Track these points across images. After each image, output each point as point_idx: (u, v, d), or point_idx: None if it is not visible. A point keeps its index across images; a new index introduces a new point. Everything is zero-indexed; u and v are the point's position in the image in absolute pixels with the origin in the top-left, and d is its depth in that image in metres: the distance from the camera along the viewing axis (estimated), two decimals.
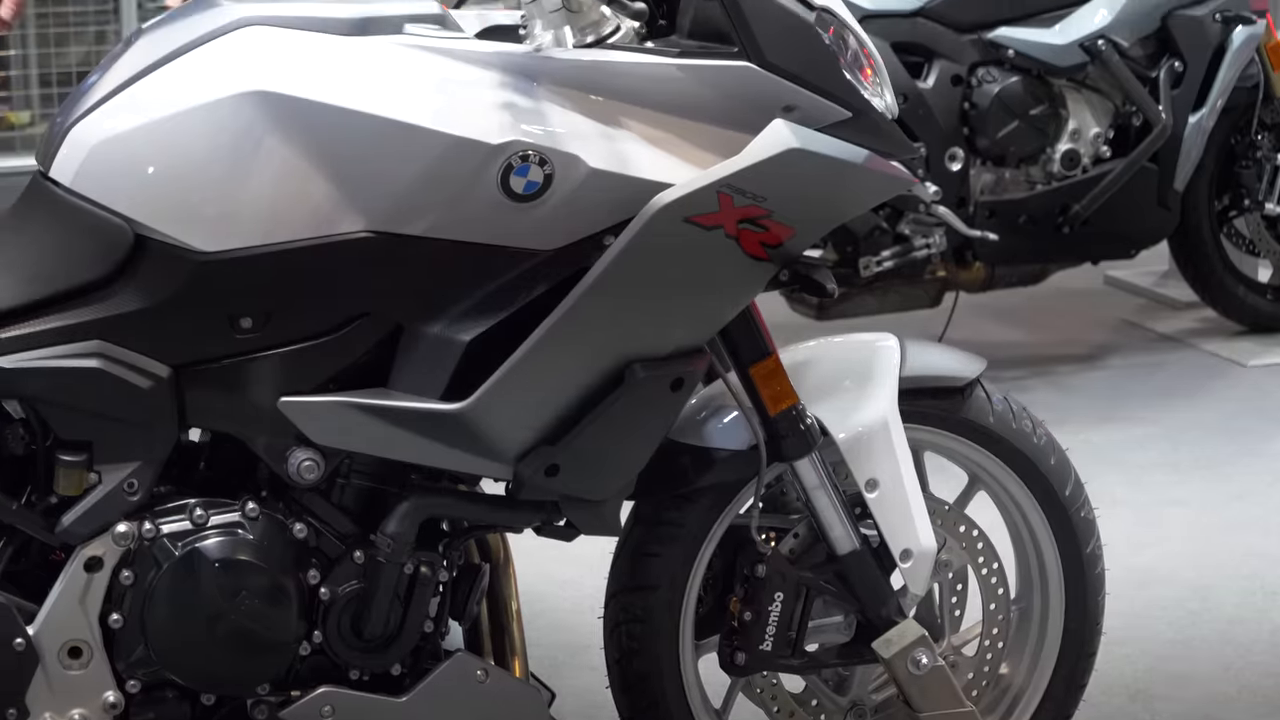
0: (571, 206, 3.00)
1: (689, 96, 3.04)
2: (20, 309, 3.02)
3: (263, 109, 2.96)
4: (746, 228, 3.03)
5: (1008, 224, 5.66)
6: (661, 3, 3.14)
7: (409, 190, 2.98)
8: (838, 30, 3.12)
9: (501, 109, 2.99)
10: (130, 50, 3.13)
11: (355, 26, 3.05)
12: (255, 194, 2.98)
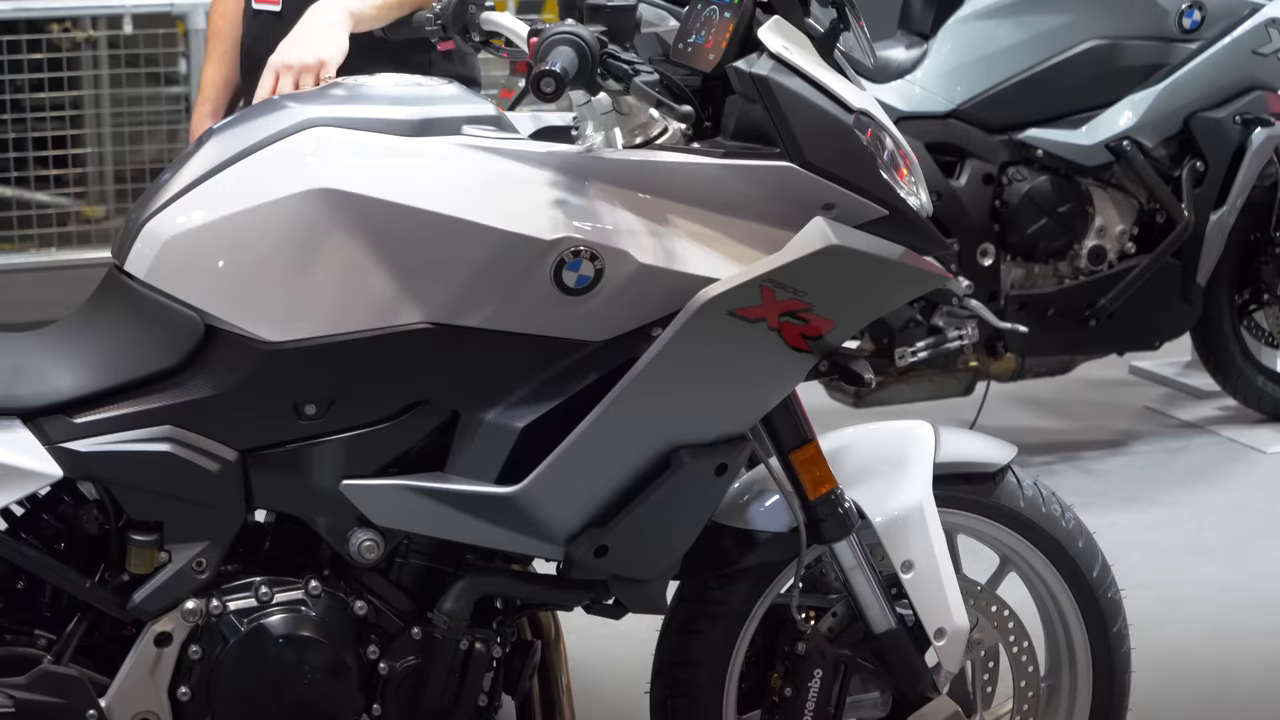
0: (621, 300, 3.01)
1: (733, 195, 3.05)
2: (96, 395, 3.04)
3: (327, 206, 2.98)
4: (788, 320, 3.04)
5: (1037, 317, 5.66)
6: (707, 105, 3.15)
7: (466, 283, 2.99)
8: (875, 131, 3.12)
9: (554, 206, 3.00)
10: (202, 149, 3.14)
11: (415, 127, 3.06)
12: (320, 287, 2.99)
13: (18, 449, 3.00)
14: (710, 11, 3.16)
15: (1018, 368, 5.84)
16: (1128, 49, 5.73)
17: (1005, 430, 4.21)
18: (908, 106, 5.57)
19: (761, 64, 3.04)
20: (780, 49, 3.06)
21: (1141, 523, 5.66)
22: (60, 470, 3.01)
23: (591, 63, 2.93)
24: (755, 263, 3.02)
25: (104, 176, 8.24)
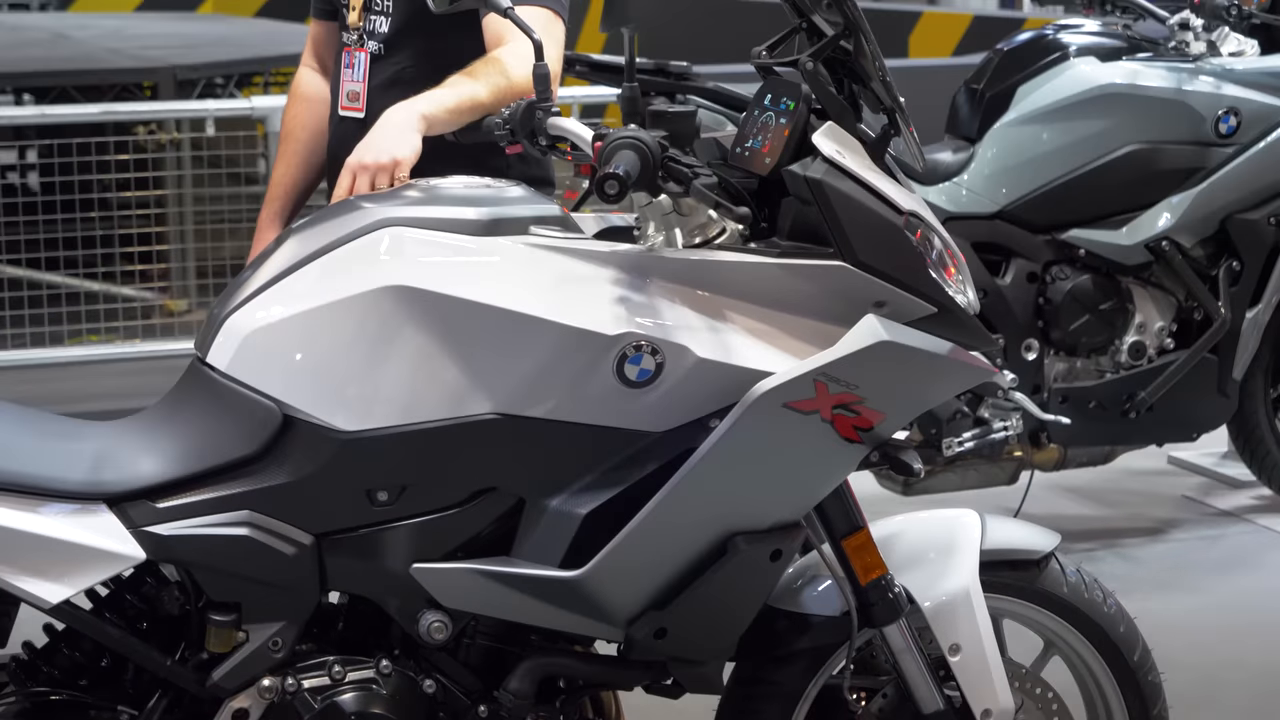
0: (680, 392, 3.01)
1: (788, 292, 3.06)
2: (178, 481, 3.05)
3: (400, 302, 2.99)
4: (841, 413, 3.04)
5: (1079, 409, 5.65)
6: (763, 206, 3.16)
7: (533, 376, 2.99)
8: (924, 232, 3.13)
9: (617, 303, 3.01)
10: (282, 247, 3.16)
11: (485, 227, 3.08)
12: (393, 379, 3.00)
13: (103, 533, 3.01)
14: (766, 117, 3.17)
15: (1060, 458, 5.82)
16: (1166, 153, 5.73)
17: (1048, 518, 4.19)
18: (955, 208, 5.58)
19: (816, 168, 3.05)
20: (834, 153, 3.06)
21: (1180, 607, 5.63)
22: (143, 553, 3.02)
23: (653, 166, 2.95)
24: (809, 357, 3.02)
25: (186, 271, 8.29)
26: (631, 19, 3.09)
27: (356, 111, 3.92)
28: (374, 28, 3.90)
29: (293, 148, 4.13)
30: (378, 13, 3.89)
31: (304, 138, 4.11)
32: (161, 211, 8.23)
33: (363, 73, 3.91)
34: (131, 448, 3.10)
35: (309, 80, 4.17)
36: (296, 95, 4.19)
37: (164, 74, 8.59)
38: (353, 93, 3.93)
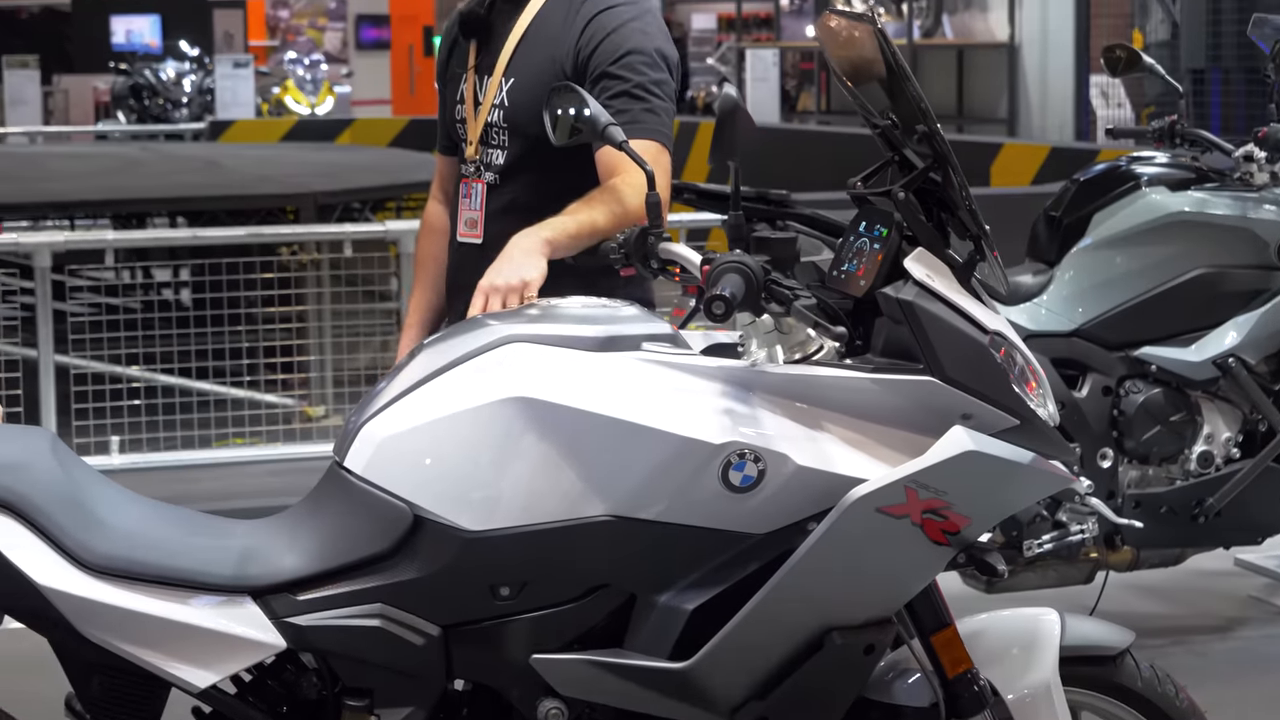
0: (781, 497, 3.01)
1: (881, 405, 3.05)
2: (317, 576, 3.06)
3: (523, 412, 3.01)
4: (930, 517, 3.02)
5: (1151, 514, 5.60)
6: (858, 325, 3.16)
7: (644, 481, 3.00)
8: (1008, 350, 3.12)
9: (722, 414, 3.01)
10: (414, 361, 3.18)
11: (601, 344, 3.09)
12: (515, 483, 3.01)
13: (248, 623, 3.03)
14: (861, 243, 3.18)
15: (1134, 559, 5.77)
16: (1232, 276, 5.69)
17: (1123, 616, 4.14)
18: (1035, 326, 5.56)
19: (907, 290, 3.06)
20: (924, 277, 3.07)
21: (1248, 701, 5.56)
22: (284, 642, 3.03)
23: (757, 288, 2.97)
24: (901, 466, 3.01)
25: (324, 381, 8.34)
26: (737, 153, 3.11)
27: (474, 237, 3.95)
28: (490, 160, 3.93)
29: (427, 275, 4.16)
30: (494, 147, 3.92)
31: (434, 268, 4.14)
32: (302, 325, 8.30)
33: (479, 201, 3.94)
34: (274, 544, 3.12)
35: (436, 213, 4.21)
36: (427, 228, 4.24)
37: (306, 200, 8.69)
38: (470, 220, 3.96)
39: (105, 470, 4.06)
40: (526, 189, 3.89)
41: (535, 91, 3.79)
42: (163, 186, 9.62)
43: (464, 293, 3.86)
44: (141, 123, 20.90)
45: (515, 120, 3.88)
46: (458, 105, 4.01)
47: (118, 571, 3.01)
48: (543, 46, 3.88)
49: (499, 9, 3.97)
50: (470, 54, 3.98)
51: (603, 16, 3.84)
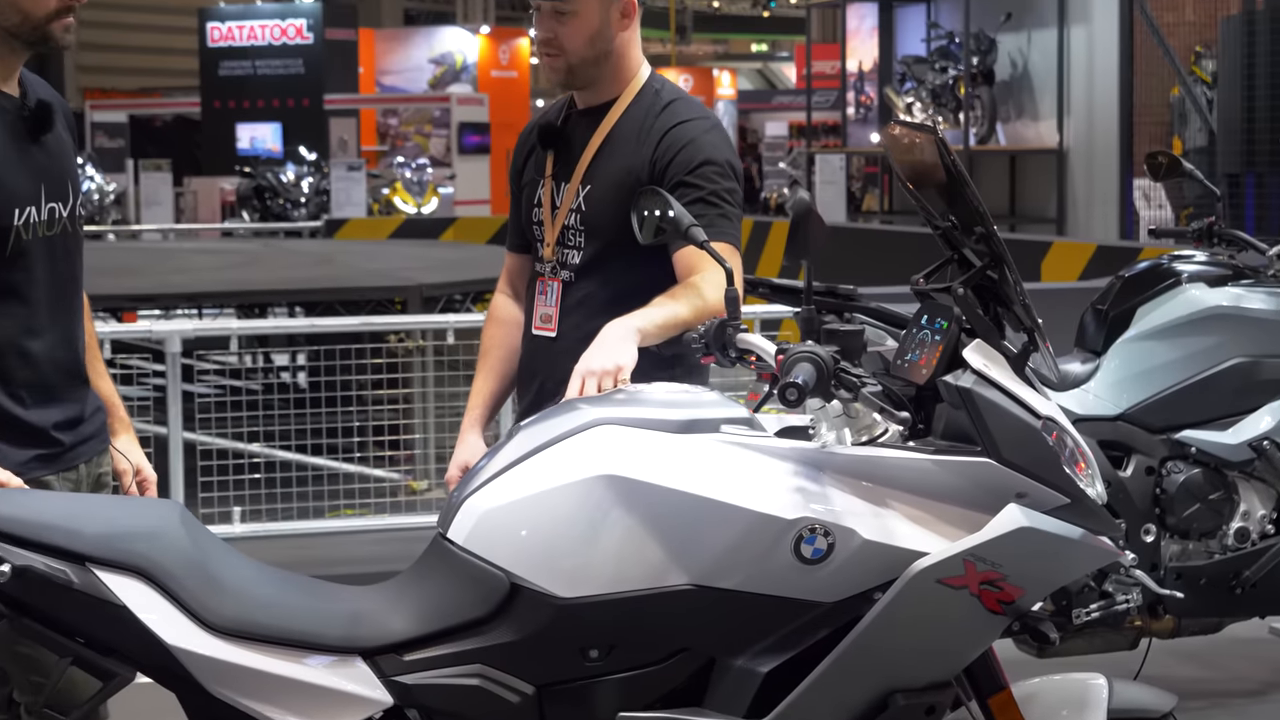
0: (849, 569, 3.00)
1: (942, 484, 3.05)
2: (422, 638, 3.06)
3: (612, 489, 3.01)
4: (986, 588, 3.01)
5: (1191, 585, 5.55)
6: (920, 410, 3.16)
7: (723, 553, 2.99)
8: (1059, 434, 3.11)
9: (795, 492, 3.01)
10: (511, 441, 3.19)
11: (683, 426, 3.10)
12: (604, 553, 3.01)
13: (358, 681, 3.03)
14: (923, 335, 3.18)
15: (1175, 627, 5.71)
16: (1266, 365, 5.65)
17: (1165, 680, 4.10)
18: (1083, 411, 5.53)
19: (966, 378, 3.06)
20: (981, 366, 3.07)
21: None
22: (391, 699, 3.03)
23: (827, 376, 2.97)
24: (959, 540, 3.00)
25: (428, 457, 8.36)
26: (810, 253, 3.12)
27: (549, 331, 3.96)
28: (566, 260, 3.94)
29: (489, 364, 4.17)
30: (570, 248, 3.94)
31: (500, 355, 4.15)
32: (408, 406, 8.34)
33: (555, 298, 3.95)
34: (383, 608, 3.12)
35: (503, 305, 4.22)
36: (493, 318, 4.23)
37: (412, 291, 8.74)
38: (546, 315, 3.97)
39: (228, 538, 4.09)
40: (600, 287, 3.91)
41: (611, 198, 3.85)
42: (282, 279, 9.71)
43: (536, 381, 3.89)
44: (263, 221, 21.11)
45: (591, 224, 3.90)
46: (535, 209, 4.03)
47: (240, 632, 3.02)
48: (618, 157, 3.90)
49: (574, 122, 4.00)
50: (548, 162, 4.01)
51: (677, 130, 3.87)
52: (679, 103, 3.94)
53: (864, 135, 20.58)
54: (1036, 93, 17.54)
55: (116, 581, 2.99)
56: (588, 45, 3.87)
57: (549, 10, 3.85)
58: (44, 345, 3.55)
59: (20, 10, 3.48)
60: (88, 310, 3.77)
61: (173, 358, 7.22)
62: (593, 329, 3.66)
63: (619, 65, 3.94)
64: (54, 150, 3.62)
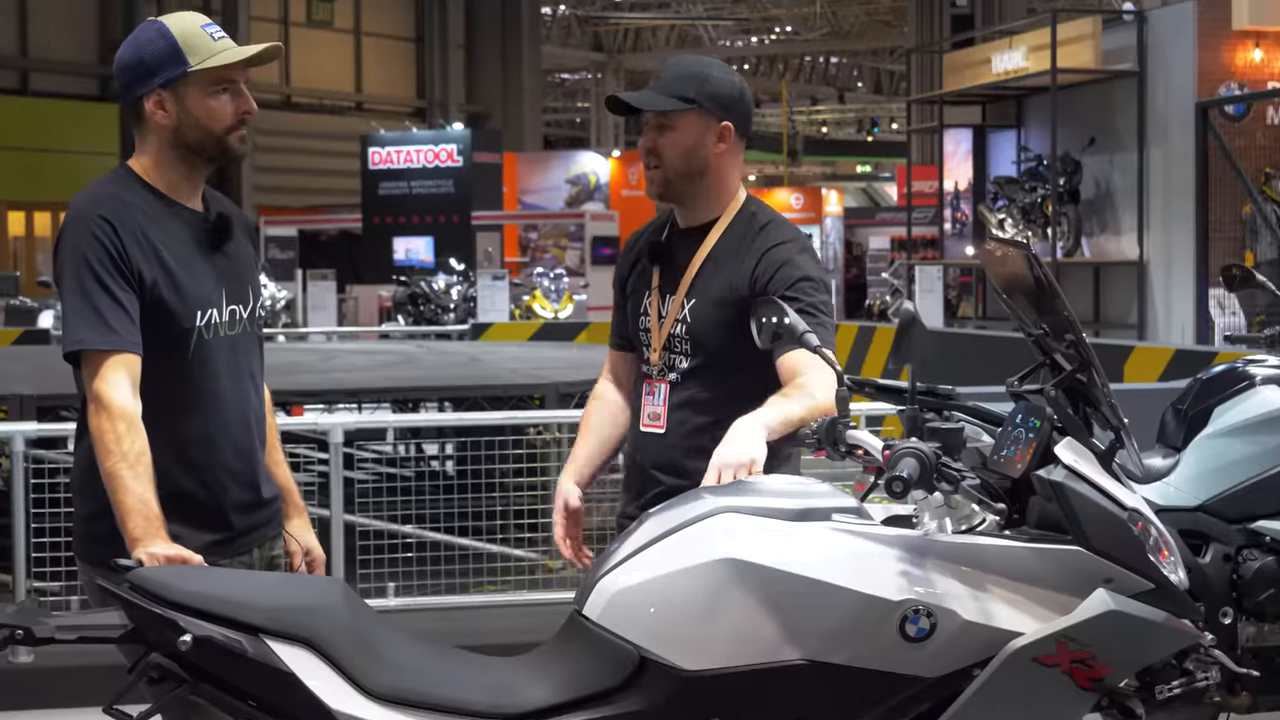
0: (950, 647, 2.97)
1: (1035, 570, 3.02)
2: (559, 706, 3.06)
3: (732, 571, 3.00)
4: (1077, 666, 2.98)
5: (1266, 664, 5.45)
6: (1015, 502, 3.14)
7: (833, 631, 2.97)
8: (1144, 524, 3.07)
9: (900, 575, 2.99)
10: (642, 526, 3.20)
11: (797, 515, 3.09)
12: (725, 630, 3.00)
13: None
14: (1018, 433, 3.16)
15: (1251, 704, 5.61)
16: None
17: None
18: (1165, 502, 5.46)
19: (1058, 473, 3.04)
20: (1072, 462, 3.05)
21: None
22: None
23: (930, 471, 2.97)
24: (1052, 622, 2.97)
25: None
26: (914, 358, 3.12)
27: (657, 428, 3.97)
28: (674, 364, 3.96)
29: (590, 435, 4.18)
30: (677, 354, 3.95)
31: (598, 425, 4.17)
32: (545, 492, 8.33)
33: (662, 399, 3.96)
34: (524, 678, 3.12)
35: (604, 388, 4.24)
36: (596, 397, 4.26)
37: (549, 389, 8.77)
38: (654, 414, 3.98)
39: (383, 610, 4.10)
40: (703, 389, 3.92)
41: (713, 311, 3.89)
42: (433, 377, 9.77)
43: (644, 472, 3.90)
44: (417, 324, 21.31)
45: (696, 334, 3.92)
46: (642, 317, 4.04)
47: (396, 699, 3.03)
48: (720, 274, 3.92)
49: (678, 239, 4.03)
50: (654, 276, 4.03)
51: (774, 252, 3.89)
52: (773, 225, 3.97)
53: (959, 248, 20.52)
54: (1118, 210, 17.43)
55: (285, 651, 3.01)
56: (684, 159, 3.91)
57: (654, 123, 3.91)
58: (226, 436, 3.59)
59: (202, 127, 3.56)
60: (269, 404, 3.81)
61: (335, 447, 7.28)
62: (697, 425, 3.79)
63: (716, 186, 3.97)
64: (235, 258, 3.69)
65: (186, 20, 3.59)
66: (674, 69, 3.94)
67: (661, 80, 3.92)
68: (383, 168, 28.85)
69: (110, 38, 34.16)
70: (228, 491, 3.58)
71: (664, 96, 3.88)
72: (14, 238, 33.01)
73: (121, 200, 3.51)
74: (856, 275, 36.06)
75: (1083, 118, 17.33)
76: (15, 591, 6.65)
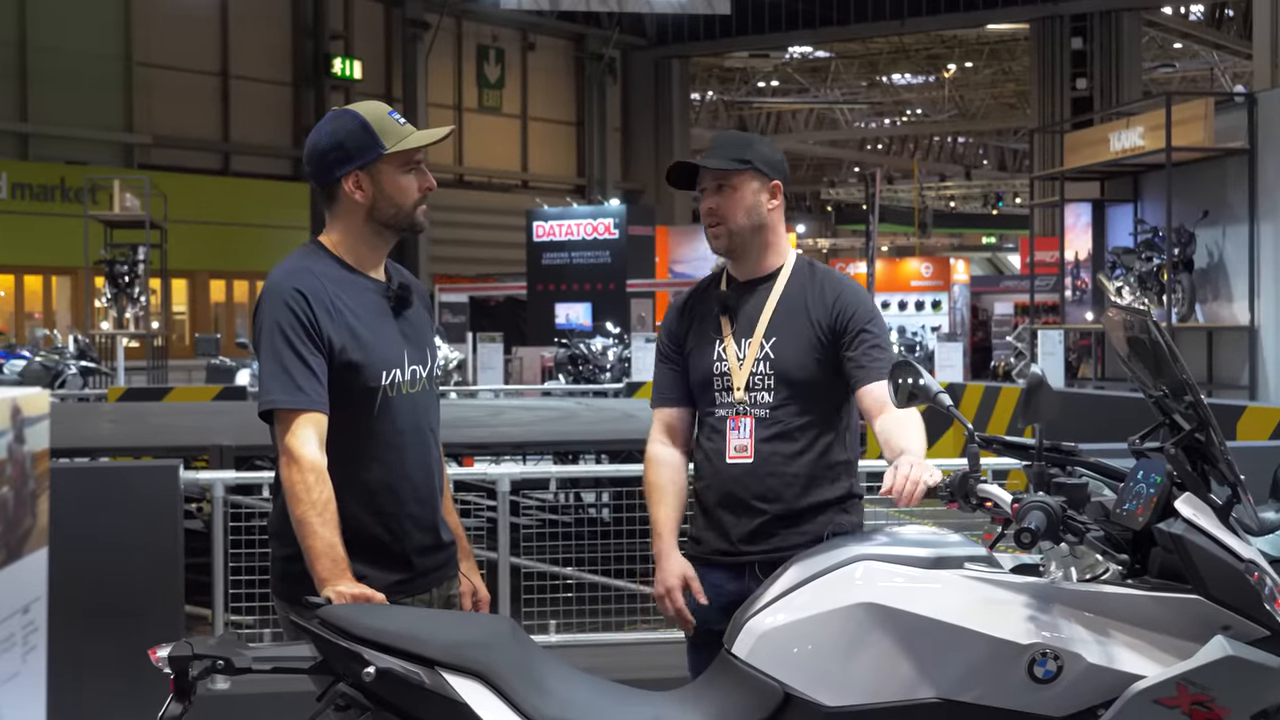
0: (1075, 689, 2.93)
1: (1156, 617, 2.97)
2: None
3: (870, 615, 2.98)
4: (1197, 708, 2.91)
5: None
6: (1137, 552, 3.09)
7: (965, 672, 2.94)
8: (1260, 574, 3.02)
9: (1029, 621, 2.96)
10: (787, 571, 3.20)
11: (932, 562, 3.07)
12: (863, 670, 2.98)
13: None
14: (1139, 488, 3.11)
15: None
16: None
17: None
18: (1274, 551, 5.33)
19: (1178, 526, 3.00)
20: (1191, 515, 3.00)
21: None
22: None
23: (1057, 523, 2.93)
24: (1173, 666, 2.92)
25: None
26: (1042, 417, 3.09)
27: (745, 459, 3.93)
28: (758, 400, 3.93)
29: (666, 498, 4.05)
30: (761, 390, 3.93)
31: (669, 490, 4.05)
32: None
33: (748, 432, 3.93)
34: (677, 712, 3.12)
35: (663, 451, 4.12)
36: (657, 462, 4.12)
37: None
38: (740, 446, 3.94)
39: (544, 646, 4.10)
40: (792, 419, 3.91)
41: (796, 345, 3.93)
42: (591, 431, 9.80)
43: (743, 503, 3.86)
44: (576, 383, 21.41)
45: (780, 369, 3.93)
46: (717, 362, 4.01)
47: None
48: (796, 313, 3.96)
49: (740, 291, 4.05)
50: (725, 324, 4.02)
51: (845, 293, 3.97)
52: (830, 272, 4.06)
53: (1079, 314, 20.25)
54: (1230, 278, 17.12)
55: (459, 683, 3.03)
56: (746, 215, 3.98)
57: (713, 186, 3.98)
58: (409, 485, 3.62)
59: (395, 203, 3.63)
60: (442, 456, 3.85)
61: (502, 495, 7.32)
62: (788, 453, 3.85)
63: (772, 240, 4.04)
64: (415, 322, 3.74)
65: (375, 108, 3.66)
66: (724, 140, 4.06)
67: (715, 150, 4.02)
68: (546, 240, 29.12)
69: (303, 123, 34.94)
70: (410, 536, 3.62)
71: (723, 159, 3.97)
72: (215, 303, 33.74)
73: (313, 273, 3.58)
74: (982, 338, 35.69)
75: (1196, 192, 17.07)
76: (214, 625, 6.75)
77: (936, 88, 50.19)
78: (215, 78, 34.10)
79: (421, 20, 37.58)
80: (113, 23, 31.12)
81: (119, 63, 31.26)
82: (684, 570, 3.95)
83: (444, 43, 38.48)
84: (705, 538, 4.00)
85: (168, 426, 9.89)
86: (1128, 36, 35.01)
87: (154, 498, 6.21)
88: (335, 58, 35.49)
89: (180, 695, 3.02)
